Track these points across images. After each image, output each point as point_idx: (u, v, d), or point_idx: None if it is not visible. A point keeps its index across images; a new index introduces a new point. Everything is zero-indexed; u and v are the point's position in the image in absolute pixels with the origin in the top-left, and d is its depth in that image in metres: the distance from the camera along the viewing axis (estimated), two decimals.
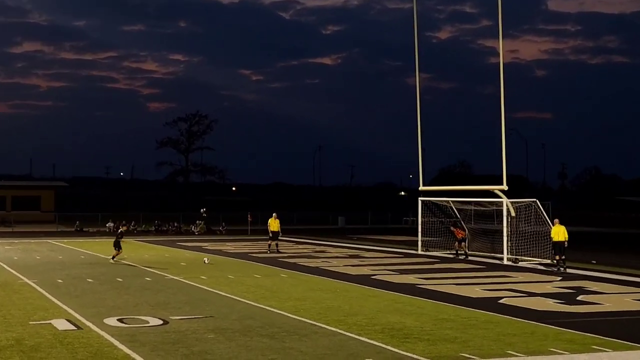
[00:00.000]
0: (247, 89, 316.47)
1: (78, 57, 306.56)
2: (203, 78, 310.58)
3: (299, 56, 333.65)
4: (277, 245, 40.59)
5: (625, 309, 20.38)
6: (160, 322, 17.79)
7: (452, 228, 38.96)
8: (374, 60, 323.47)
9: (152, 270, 30.31)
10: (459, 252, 37.92)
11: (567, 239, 30.81)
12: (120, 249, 34.28)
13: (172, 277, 27.80)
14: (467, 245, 38.23)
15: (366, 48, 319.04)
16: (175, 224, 64.46)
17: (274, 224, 40.52)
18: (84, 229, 63.09)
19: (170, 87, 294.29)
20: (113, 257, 33.96)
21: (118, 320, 18.03)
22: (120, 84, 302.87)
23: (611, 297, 22.93)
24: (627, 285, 25.88)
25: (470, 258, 36.79)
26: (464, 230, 38.91)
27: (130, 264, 33.14)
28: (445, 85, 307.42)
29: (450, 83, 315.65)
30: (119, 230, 36.28)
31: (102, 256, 36.83)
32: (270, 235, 40.67)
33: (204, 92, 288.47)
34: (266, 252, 39.40)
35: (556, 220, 31.80)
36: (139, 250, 41.35)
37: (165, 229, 63.45)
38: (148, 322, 17.74)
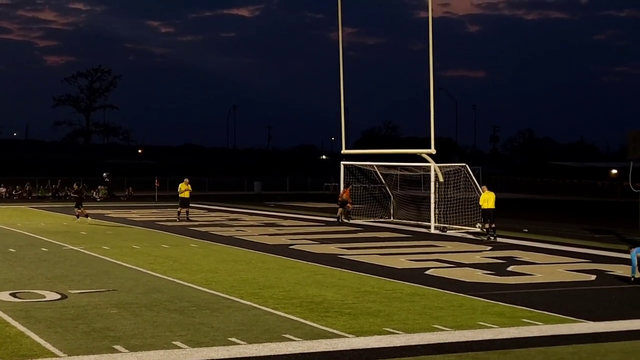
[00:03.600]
0: (156, 42, 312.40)
1: None
2: (106, 29, 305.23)
3: (213, 7, 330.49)
4: (187, 212, 40.41)
5: (557, 280, 20.87)
6: (58, 296, 17.58)
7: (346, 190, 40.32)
8: (295, 12, 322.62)
9: (48, 240, 29.89)
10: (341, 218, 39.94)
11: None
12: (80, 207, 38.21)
13: (71, 247, 27.47)
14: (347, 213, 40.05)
15: None
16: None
17: (185, 190, 40.29)
18: None
19: (70, 39, 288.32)
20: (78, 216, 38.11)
21: (11, 294, 17.76)
22: (13, 34, 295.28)
23: (543, 267, 23.46)
24: (560, 255, 26.50)
25: (395, 226, 37.27)
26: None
27: (25, 232, 32.62)
28: (372, 40, 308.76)
29: (376, 38, 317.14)
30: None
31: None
32: (180, 201, 40.45)
33: (107, 45, 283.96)
34: (175, 220, 39.20)
35: (484, 187, 32.41)
36: (34, 218, 40.73)
37: (63, 194, 62.51)
38: (44, 297, 17.51)
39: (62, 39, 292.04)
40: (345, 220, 39.64)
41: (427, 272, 22.14)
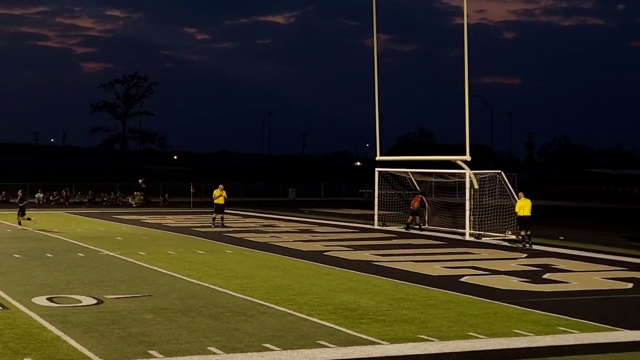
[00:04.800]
0: (192, 49, 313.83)
1: (5, 11, 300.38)
2: (143, 36, 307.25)
3: (249, 14, 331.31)
4: (222, 219, 40.49)
5: (593, 288, 20.68)
6: (94, 301, 17.70)
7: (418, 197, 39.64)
8: (330, 19, 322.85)
9: (85, 245, 30.08)
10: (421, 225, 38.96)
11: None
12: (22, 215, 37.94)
13: (107, 252, 27.63)
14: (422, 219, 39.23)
15: (322, 6, 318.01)
16: (112, 194, 64.04)
17: (219, 196, 40.36)
18: (11, 200, 62.31)
19: (107, 46, 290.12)
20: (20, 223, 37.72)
21: (48, 299, 17.90)
22: (52, 41, 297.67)
23: (579, 275, 23.27)
24: (596, 263, 26.28)
25: (430, 233, 37.15)
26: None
27: (62, 238, 32.86)
28: (407, 47, 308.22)
29: (412, 45, 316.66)
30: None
31: (30, 230, 36.45)
32: (215, 207, 40.54)
33: (143, 51, 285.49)
34: (210, 226, 39.33)
35: (521, 194, 32.14)
36: (71, 224, 41.02)
37: (99, 200, 62.98)
38: (81, 302, 17.64)
39: (100, 46, 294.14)
40: (411, 229, 39.14)
41: (462, 279, 22.04)
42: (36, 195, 63.33)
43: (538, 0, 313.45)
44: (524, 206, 31.18)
